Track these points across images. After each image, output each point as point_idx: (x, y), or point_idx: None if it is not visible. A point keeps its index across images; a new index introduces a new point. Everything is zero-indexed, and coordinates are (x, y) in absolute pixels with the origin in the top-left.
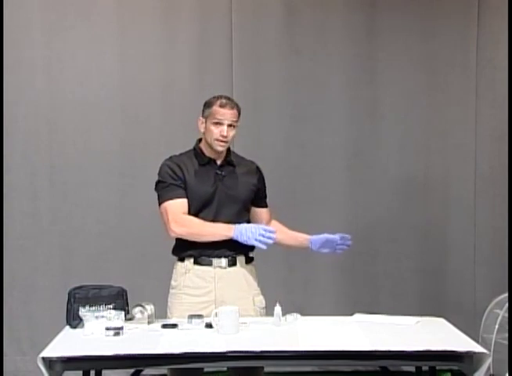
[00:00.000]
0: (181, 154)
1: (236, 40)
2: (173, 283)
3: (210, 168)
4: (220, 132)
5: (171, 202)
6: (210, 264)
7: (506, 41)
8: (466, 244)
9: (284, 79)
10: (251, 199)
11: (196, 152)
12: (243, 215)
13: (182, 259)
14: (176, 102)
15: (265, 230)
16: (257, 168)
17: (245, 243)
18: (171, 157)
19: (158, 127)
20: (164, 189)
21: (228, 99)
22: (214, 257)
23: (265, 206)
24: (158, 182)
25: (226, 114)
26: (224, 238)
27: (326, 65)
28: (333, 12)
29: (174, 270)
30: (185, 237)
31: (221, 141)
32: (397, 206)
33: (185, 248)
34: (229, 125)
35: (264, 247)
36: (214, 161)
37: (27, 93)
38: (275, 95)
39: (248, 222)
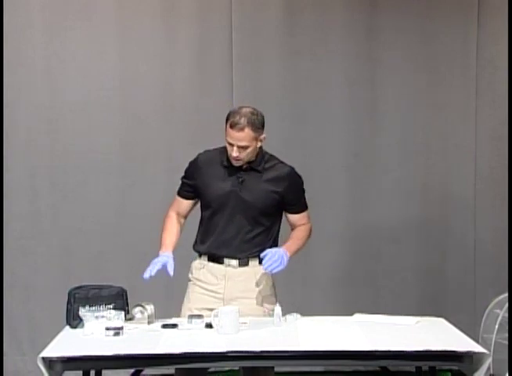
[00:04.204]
0: (215, 149)
1: (236, 40)
2: (189, 275)
3: (233, 171)
4: (231, 151)
5: (176, 197)
6: (222, 262)
7: (506, 41)
8: (466, 244)
9: (284, 79)
10: (272, 206)
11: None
12: (260, 222)
13: (199, 255)
14: (176, 102)
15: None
16: (289, 174)
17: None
18: (205, 152)
19: (158, 127)
20: (180, 183)
21: (242, 116)
22: (227, 257)
23: (297, 212)
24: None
25: (234, 137)
26: None
27: (326, 65)
28: (333, 12)
29: (192, 264)
30: None
31: (234, 160)
32: (397, 206)
33: (201, 245)
34: (240, 147)
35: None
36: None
37: (27, 93)
38: (275, 96)
39: (268, 228)
